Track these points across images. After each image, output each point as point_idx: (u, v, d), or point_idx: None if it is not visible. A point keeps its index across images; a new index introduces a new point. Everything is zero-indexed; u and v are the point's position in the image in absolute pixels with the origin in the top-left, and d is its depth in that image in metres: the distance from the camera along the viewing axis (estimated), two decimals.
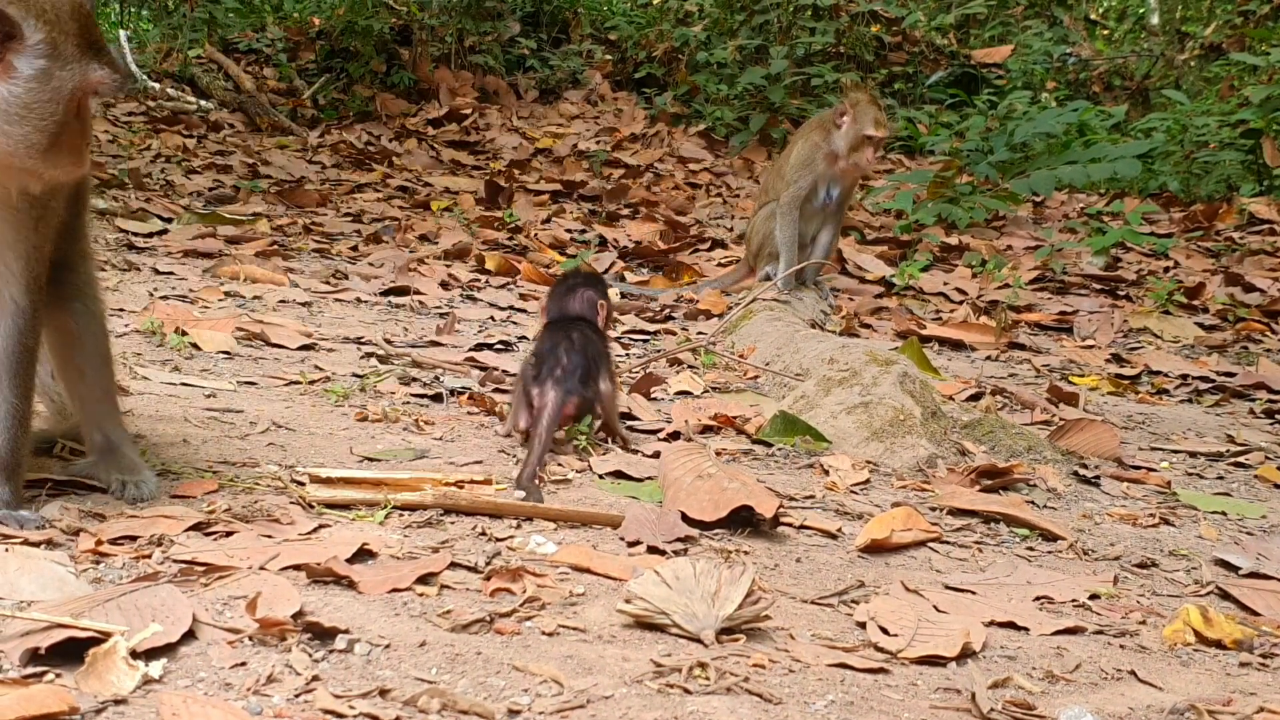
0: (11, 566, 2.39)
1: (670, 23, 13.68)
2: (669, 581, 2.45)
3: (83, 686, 1.99)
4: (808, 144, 6.90)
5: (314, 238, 7.68)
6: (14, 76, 2.50)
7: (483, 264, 7.21)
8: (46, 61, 2.52)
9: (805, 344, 5.08)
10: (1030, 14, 14.24)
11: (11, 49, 2.50)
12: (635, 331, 6.09)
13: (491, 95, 13.02)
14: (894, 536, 3.11)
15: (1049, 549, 3.26)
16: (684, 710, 2.08)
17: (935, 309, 7.23)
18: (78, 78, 2.55)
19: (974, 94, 12.51)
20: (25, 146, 2.53)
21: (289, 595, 2.36)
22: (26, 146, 2.53)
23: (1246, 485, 4.21)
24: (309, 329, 5.19)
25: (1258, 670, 2.57)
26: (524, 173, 10.82)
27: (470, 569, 2.66)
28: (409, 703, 2.01)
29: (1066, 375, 5.84)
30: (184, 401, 3.90)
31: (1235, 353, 6.55)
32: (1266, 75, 11.06)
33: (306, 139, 11.17)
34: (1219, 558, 3.28)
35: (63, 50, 2.53)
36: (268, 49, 12.74)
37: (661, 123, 12.42)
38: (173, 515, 2.80)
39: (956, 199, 9.11)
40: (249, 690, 2.03)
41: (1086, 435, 4.35)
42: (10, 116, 2.51)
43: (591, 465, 3.58)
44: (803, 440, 3.98)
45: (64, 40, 2.53)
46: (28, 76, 2.51)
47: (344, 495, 3.02)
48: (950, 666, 2.42)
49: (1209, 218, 9.53)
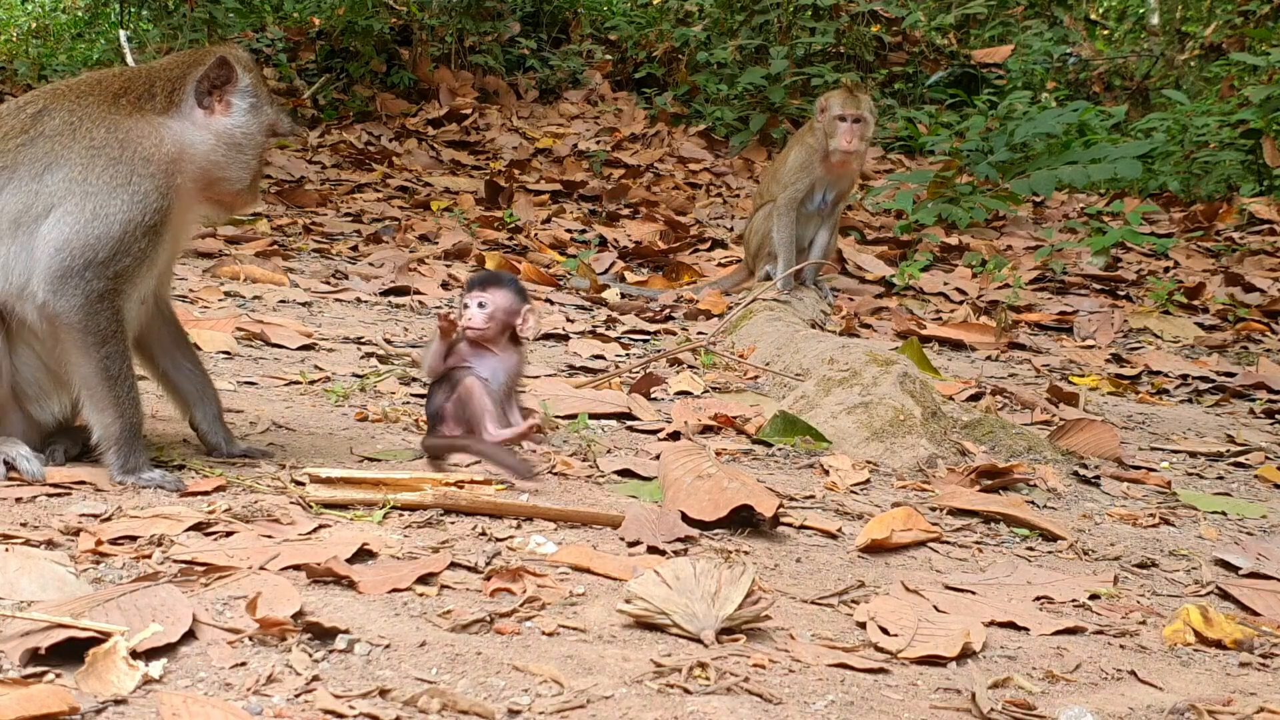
0: (11, 566, 2.39)
1: (670, 23, 13.68)
2: (669, 581, 2.45)
3: (83, 686, 1.99)
4: (802, 147, 6.92)
5: (314, 238, 7.68)
6: (232, 112, 3.16)
7: (483, 264, 7.21)
8: (255, 100, 3.18)
9: (805, 344, 5.08)
10: (1030, 14, 14.24)
11: (229, 90, 3.15)
12: (635, 331, 6.10)
13: (491, 95, 13.01)
14: (894, 536, 3.11)
15: (1049, 549, 3.26)
16: (684, 710, 2.08)
17: (935, 309, 7.24)
18: (274, 118, 3.21)
19: (974, 94, 12.51)
20: (238, 175, 3.18)
21: (289, 595, 2.36)
22: (239, 176, 3.18)
23: (1246, 485, 4.21)
24: (309, 329, 5.19)
25: (1258, 670, 2.57)
26: (524, 173, 10.82)
27: (470, 569, 2.66)
28: (409, 703, 2.01)
29: (1066, 375, 5.84)
30: None
31: (1235, 353, 6.55)
32: (1266, 75, 11.05)
33: (306, 139, 11.18)
34: (1219, 558, 3.28)
35: (261, 93, 3.19)
36: (268, 49, 12.74)
37: (661, 123, 12.41)
38: (173, 515, 2.81)
39: (956, 199, 9.11)
40: (249, 690, 2.03)
41: (1086, 435, 4.35)
42: (233, 146, 3.17)
43: (598, 464, 3.58)
44: (803, 440, 3.98)
45: (261, 86, 3.20)
46: (243, 110, 3.17)
47: (344, 495, 3.02)
48: (950, 666, 2.42)
49: (1209, 218, 9.53)
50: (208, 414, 3.44)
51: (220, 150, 3.17)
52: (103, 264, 3.02)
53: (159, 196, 3.08)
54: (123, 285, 3.06)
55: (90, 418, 3.11)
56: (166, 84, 3.17)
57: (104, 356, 3.05)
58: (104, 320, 3.04)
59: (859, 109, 6.75)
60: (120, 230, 3.03)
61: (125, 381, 3.09)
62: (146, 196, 3.06)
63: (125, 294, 3.08)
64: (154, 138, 3.10)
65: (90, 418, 3.11)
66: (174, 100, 3.15)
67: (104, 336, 3.05)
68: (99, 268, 3.02)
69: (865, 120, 6.79)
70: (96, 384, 3.07)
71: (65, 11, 15.60)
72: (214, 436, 3.44)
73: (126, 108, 3.12)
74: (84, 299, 3.02)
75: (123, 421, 3.08)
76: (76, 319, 3.02)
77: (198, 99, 3.15)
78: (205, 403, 3.45)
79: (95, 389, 3.08)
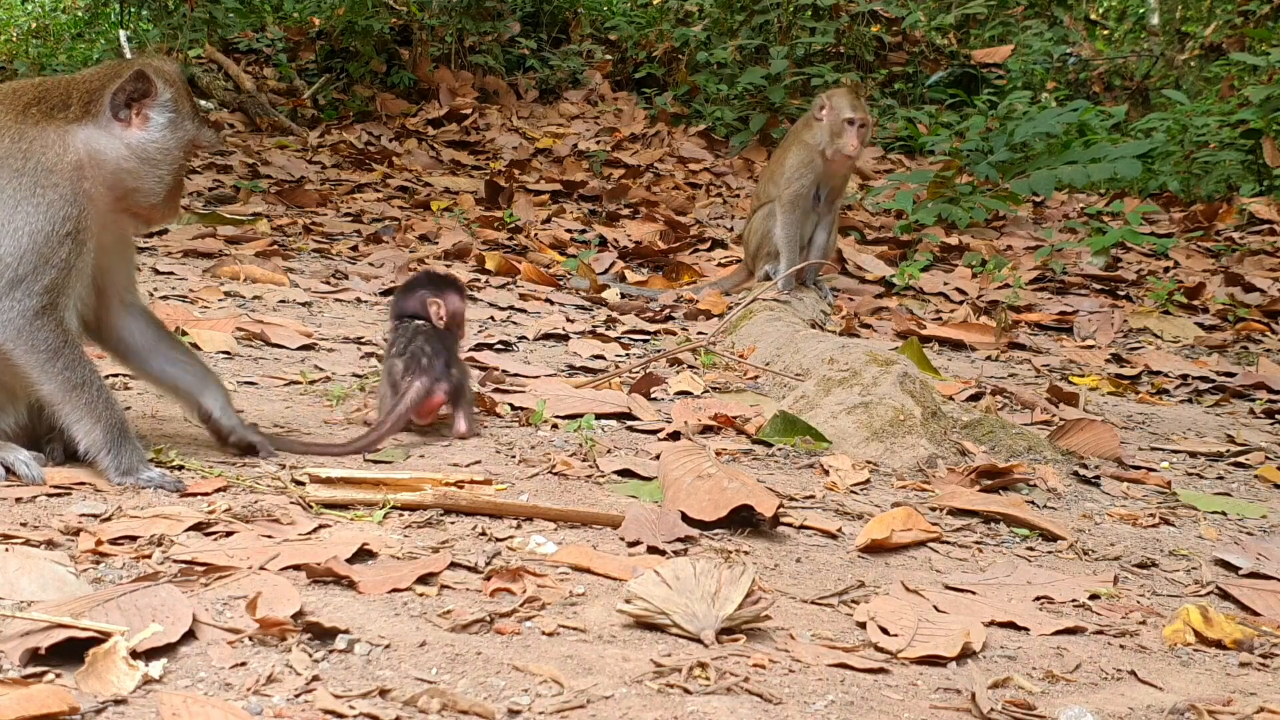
0: (11, 566, 2.39)
1: (670, 23, 13.68)
2: (669, 581, 2.45)
3: (83, 686, 1.99)
4: (801, 146, 6.94)
5: (314, 238, 7.68)
6: (149, 126, 3.11)
7: (483, 264, 7.21)
8: (174, 115, 3.14)
9: (805, 344, 5.08)
10: (1030, 14, 14.24)
11: (146, 104, 3.11)
12: (635, 331, 6.10)
13: (491, 95, 13.01)
14: (894, 536, 3.11)
15: (1049, 549, 3.26)
16: (684, 710, 2.08)
17: (935, 309, 7.24)
18: (194, 133, 3.17)
19: (974, 94, 12.51)
20: (150, 188, 3.13)
21: (289, 595, 2.36)
22: (153, 189, 3.13)
23: (1246, 485, 4.21)
24: (309, 329, 5.19)
25: (1258, 670, 2.57)
26: (524, 173, 10.82)
27: (470, 569, 2.66)
28: (409, 703, 2.01)
29: (1066, 375, 5.84)
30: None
31: (1235, 353, 6.55)
32: (1266, 75, 11.05)
33: (306, 139, 11.18)
34: (1219, 558, 3.28)
35: (182, 108, 3.15)
36: (268, 49, 12.74)
37: (661, 123, 12.41)
38: (173, 515, 2.81)
39: (956, 199, 9.11)
40: (249, 690, 2.03)
41: (1086, 435, 4.35)
42: (146, 160, 3.11)
43: (598, 464, 3.58)
44: (803, 440, 3.98)
45: (184, 101, 3.16)
46: (160, 125, 3.12)
47: (344, 495, 3.02)
48: (950, 666, 2.42)
49: (1209, 218, 9.53)
50: (216, 401, 3.40)
51: (132, 162, 3.11)
52: (27, 280, 2.95)
53: (66, 204, 3.00)
54: (56, 298, 3.00)
55: (70, 430, 3.05)
56: (84, 94, 3.11)
57: (61, 369, 2.99)
58: (47, 335, 2.98)
59: (866, 113, 6.84)
60: (31, 242, 2.96)
61: (91, 386, 3.03)
62: (53, 205, 2.99)
63: (62, 305, 3.02)
64: (58, 146, 3.04)
65: (70, 430, 3.05)
66: (90, 110, 3.09)
67: (54, 351, 2.99)
68: (25, 285, 2.96)
69: (869, 124, 6.90)
70: (63, 398, 3.02)
71: (65, 11, 15.60)
72: (228, 420, 3.39)
73: (35, 116, 3.05)
74: (20, 319, 2.96)
75: (103, 425, 3.03)
76: (21, 341, 2.97)
77: (113, 111, 3.10)
78: (210, 390, 3.41)
79: (64, 402, 3.02)
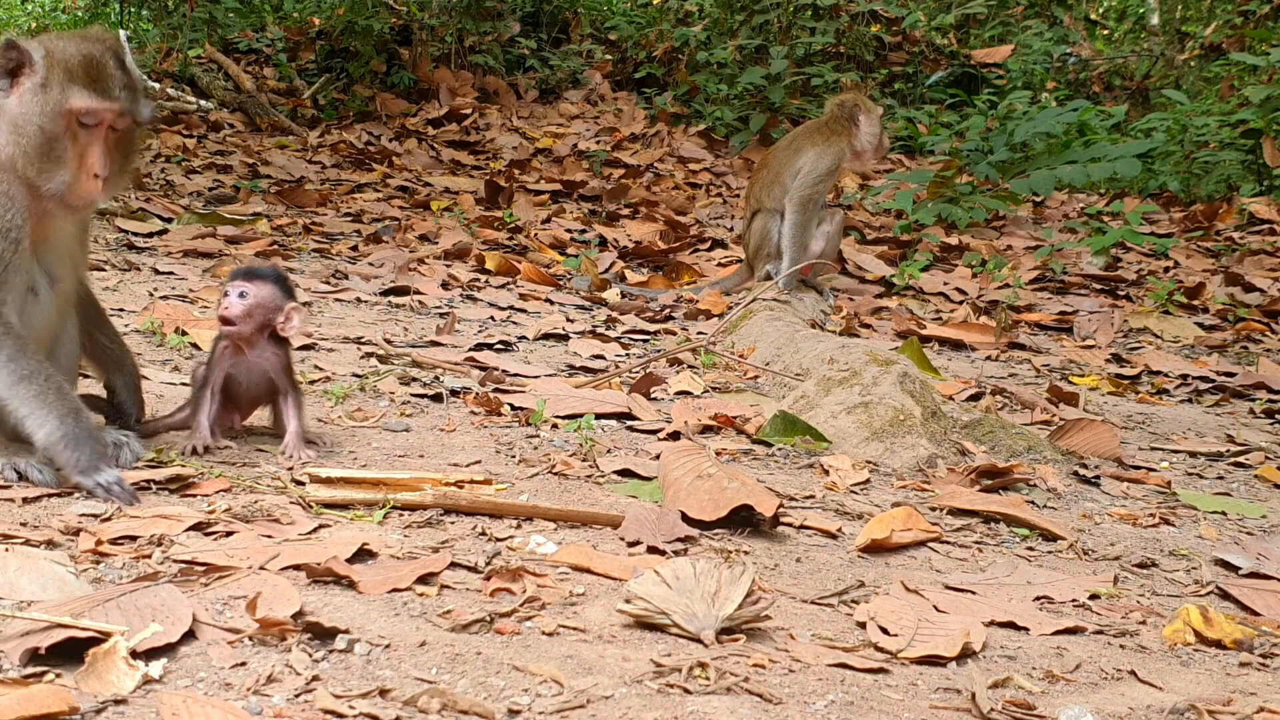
0: (11, 566, 2.39)
1: (670, 23, 13.67)
2: (669, 581, 2.45)
3: (83, 686, 1.99)
4: (831, 149, 6.95)
5: (314, 238, 7.68)
6: (22, 96, 3.06)
7: (483, 264, 7.21)
8: (44, 81, 3.05)
9: (805, 344, 5.08)
10: (1030, 14, 14.23)
11: (25, 74, 3.06)
12: (635, 331, 6.09)
13: (491, 95, 13.01)
14: (894, 536, 3.11)
15: (1049, 549, 3.26)
16: (684, 710, 2.08)
17: (935, 309, 7.24)
18: (63, 99, 3.04)
19: (974, 94, 12.51)
20: (22, 153, 3.03)
21: (289, 595, 2.36)
22: (23, 154, 3.03)
23: (1246, 485, 4.21)
24: (309, 329, 5.19)
25: (1258, 670, 2.57)
26: (524, 173, 10.82)
27: (470, 569, 2.66)
28: (409, 703, 2.01)
29: (1066, 375, 5.84)
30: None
31: (1235, 353, 6.55)
32: (1266, 75, 11.05)
33: (306, 139, 11.18)
34: (1219, 558, 3.28)
35: (55, 78, 3.05)
36: (268, 49, 12.73)
37: (661, 123, 12.41)
38: (173, 515, 2.81)
39: (956, 199, 9.11)
40: (249, 690, 2.03)
41: (1086, 435, 4.35)
42: (17, 130, 3.04)
43: (598, 464, 3.58)
44: (803, 440, 3.98)
45: (60, 72, 3.05)
46: (29, 91, 3.05)
47: (344, 495, 3.02)
48: (950, 666, 2.42)
49: (1209, 218, 9.53)
50: (127, 382, 3.49)
51: (8, 134, 3.03)
52: None
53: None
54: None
55: (24, 426, 2.98)
56: None
57: (5, 362, 2.95)
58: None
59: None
60: None
61: (39, 376, 2.98)
62: None
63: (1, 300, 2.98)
64: None
65: (24, 426, 2.98)
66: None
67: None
68: None
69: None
70: (9, 391, 2.96)
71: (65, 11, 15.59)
72: (129, 405, 3.48)
73: None
74: None
75: (56, 416, 2.96)
76: None
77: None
78: (124, 371, 3.49)
79: (13, 397, 2.97)
